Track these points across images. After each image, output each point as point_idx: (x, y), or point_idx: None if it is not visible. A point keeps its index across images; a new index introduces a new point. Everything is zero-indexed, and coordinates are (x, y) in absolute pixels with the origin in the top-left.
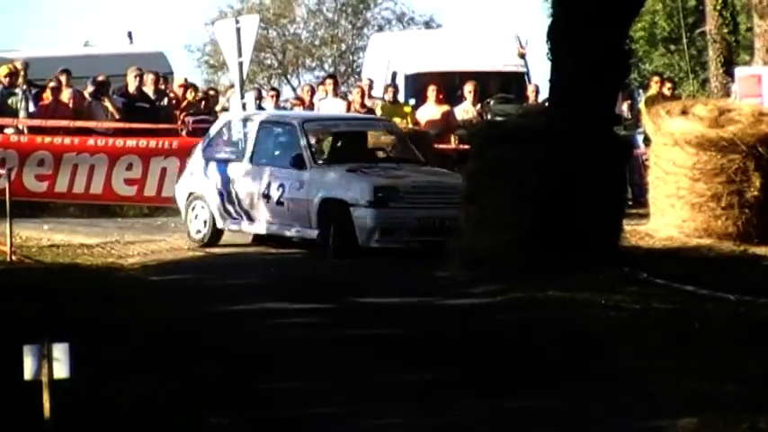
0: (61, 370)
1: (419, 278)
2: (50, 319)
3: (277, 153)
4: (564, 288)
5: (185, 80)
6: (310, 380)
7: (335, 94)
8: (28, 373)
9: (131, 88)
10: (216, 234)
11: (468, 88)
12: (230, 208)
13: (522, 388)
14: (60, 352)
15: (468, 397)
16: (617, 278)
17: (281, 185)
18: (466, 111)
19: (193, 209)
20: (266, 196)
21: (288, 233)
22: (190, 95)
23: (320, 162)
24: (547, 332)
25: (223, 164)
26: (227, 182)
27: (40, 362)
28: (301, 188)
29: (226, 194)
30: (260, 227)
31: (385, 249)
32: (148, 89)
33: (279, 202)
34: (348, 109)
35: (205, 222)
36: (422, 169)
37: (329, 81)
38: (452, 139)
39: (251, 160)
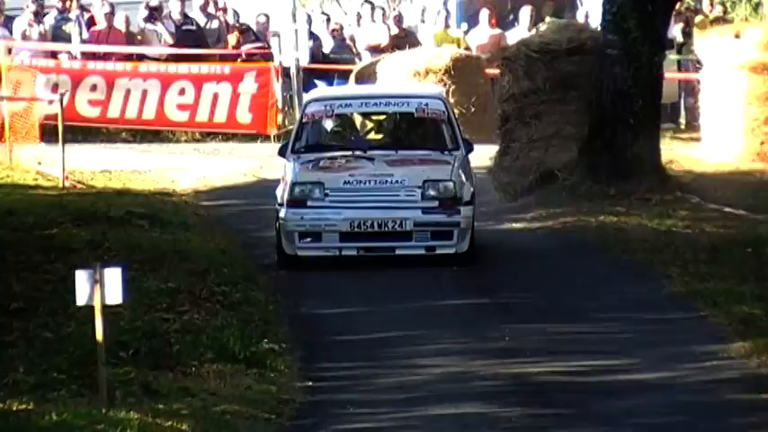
0: (113, 295)
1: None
2: (102, 244)
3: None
4: (616, 213)
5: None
6: (364, 305)
7: (373, 19)
8: (81, 299)
9: (176, 14)
10: None
11: (525, 12)
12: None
13: (570, 314)
14: (112, 277)
15: (515, 321)
16: (669, 203)
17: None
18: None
19: None
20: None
21: None
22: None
23: (298, 148)
24: (598, 258)
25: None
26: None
27: (92, 287)
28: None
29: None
30: None
31: (314, 259)
32: (197, 13)
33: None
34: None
35: None
36: (414, 158)
37: (366, 6)
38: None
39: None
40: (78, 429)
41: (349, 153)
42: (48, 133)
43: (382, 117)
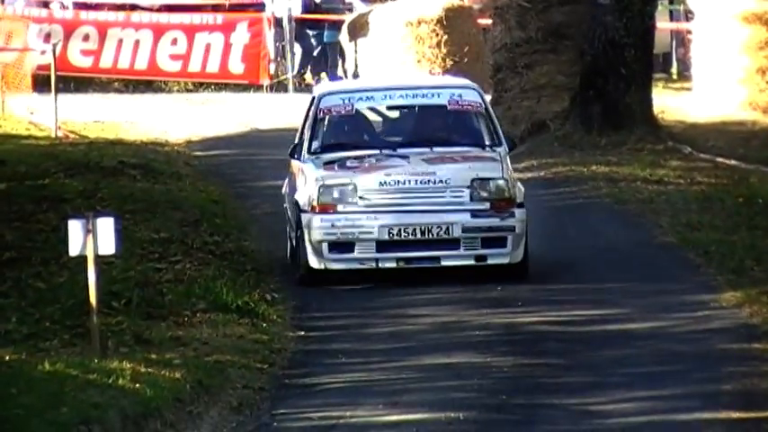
0: (106, 245)
1: None
2: (95, 194)
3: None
4: (607, 163)
5: None
6: None
7: None
8: (73, 249)
9: None
10: None
11: None
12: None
13: (562, 264)
14: (105, 227)
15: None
16: (660, 153)
17: (289, 179)
18: None
19: None
20: (289, 200)
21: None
22: None
23: (315, 149)
24: (590, 208)
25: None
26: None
27: (85, 237)
28: (295, 186)
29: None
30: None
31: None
32: None
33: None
34: None
35: None
36: (453, 155)
37: None
38: None
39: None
40: (71, 379)
41: (376, 152)
42: (40, 83)
43: (409, 111)
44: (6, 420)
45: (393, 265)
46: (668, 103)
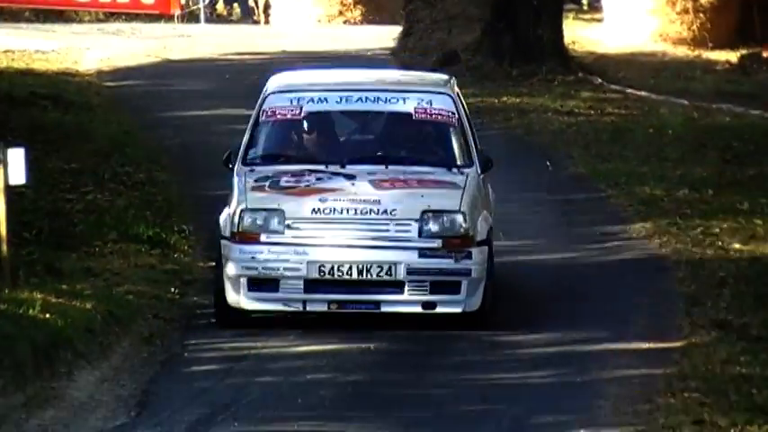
0: (17, 176)
1: None
2: (5, 124)
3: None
4: (519, 94)
5: None
6: None
7: None
8: None
9: None
10: None
11: None
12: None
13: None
14: (15, 157)
15: None
16: (571, 84)
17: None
18: None
19: None
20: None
21: None
22: None
23: (252, 158)
24: (501, 139)
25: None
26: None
27: None
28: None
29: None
30: None
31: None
32: None
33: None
34: None
35: None
36: (409, 177)
37: None
38: None
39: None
40: None
41: (321, 167)
42: None
43: (368, 118)
44: None
45: (324, 308)
46: (579, 34)
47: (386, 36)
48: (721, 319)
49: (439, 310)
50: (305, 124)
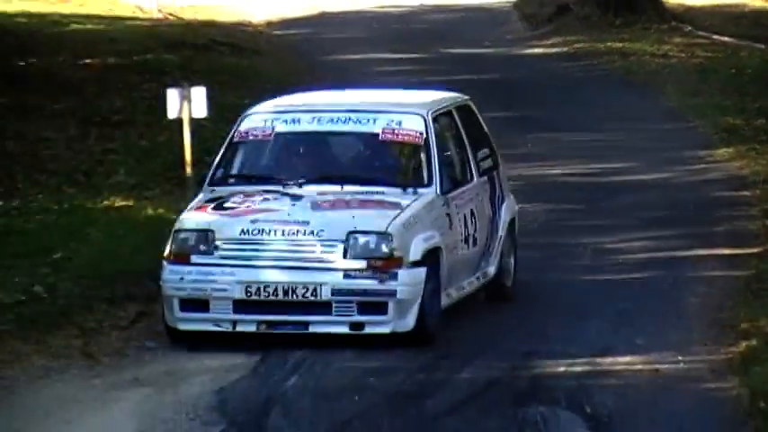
0: (199, 110)
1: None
2: (189, 67)
3: None
4: (621, 39)
5: None
6: None
7: None
8: (171, 113)
9: None
10: None
11: None
12: None
13: (582, 125)
14: (199, 94)
15: (536, 131)
16: (665, 31)
17: None
18: None
19: None
20: None
21: None
22: None
23: (218, 178)
24: (605, 78)
25: None
26: None
27: (181, 103)
28: None
29: None
30: None
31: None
32: None
33: None
34: None
35: None
36: (356, 198)
37: None
38: None
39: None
40: (169, 221)
41: (278, 188)
42: None
43: (336, 138)
44: (118, 256)
45: (253, 329)
46: None
47: None
48: None
49: (367, 330)
50: (276, 144)
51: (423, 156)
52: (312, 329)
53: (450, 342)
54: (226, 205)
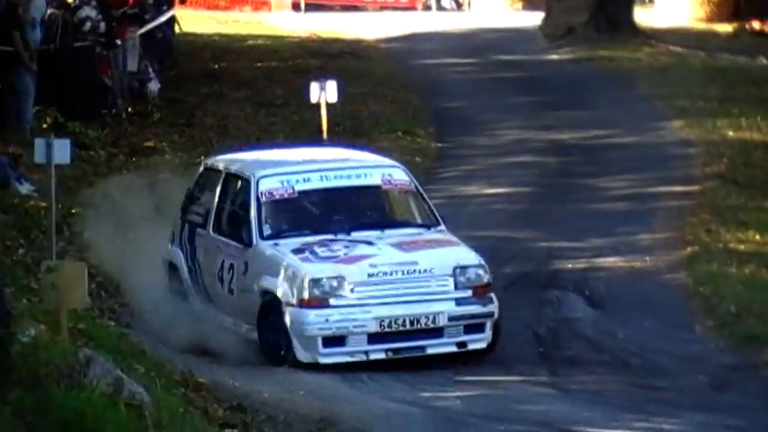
0: (332, 96)
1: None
2: (325, 67)
3: (233, 219)
4: (609, 50)
5: None
6: (472, 101)
7: None
8: (313, 98)
9: None
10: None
11: None
12: (197, 287)
13: (585, 106)
14: (332, 86)
15: (551, 110)
16: (639, 44)
17: (231, 266)
18: None
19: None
20: (221, 279)
21: (240, 331)
22: None
23: (268, 234)
24: (598, 75)
25: (192, 229)
26: (192, 253)
27: (320, 92)
28: (246, 272)
29: (192, 270)
30: (220, 317)
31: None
32: None
33: (230, 290)
34: None
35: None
36: (414, 239)
37: None
38: None
39: (213, 227)
40: None
41: (331, 236)
42: (295, 6)
43: (344, 192)
44: None
45: (383, 356)
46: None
47: (537, 15)
48: (722, 172)
49: (469, 347)
50: (300, 201)
51: (421, 200)
52: (429, 351)
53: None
54: (321, 255)
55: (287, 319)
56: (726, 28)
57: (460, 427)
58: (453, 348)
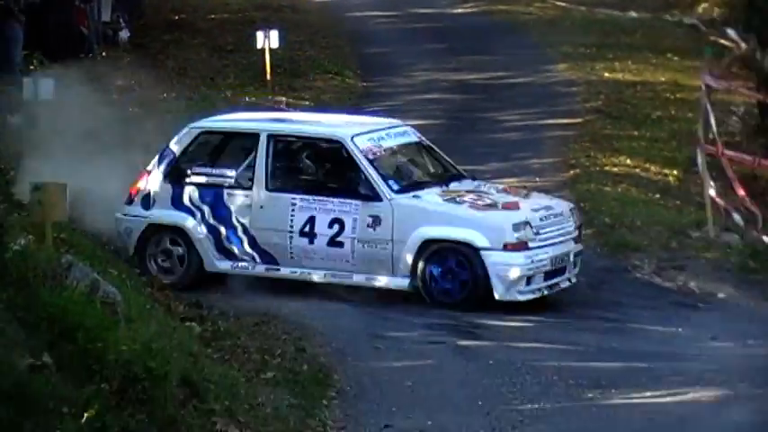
0: (274, 43)
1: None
2: (269, 19)
3: (310, 178)
4: (506, 4)
5: None
6: (392, 48)
7: None
8: (258, 44)
9: None
10: (197, 277)
11: None
12: (233, 247)
13: (482, 52)
14: (274, 34)
15: (457, 55)
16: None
17: (337, 221)
18: None
19: (158, 244)
20: (308, 234)
21: (351, 281)
22: None
23: (398, 188)
24: (498, 25)
25: (213, 190)
26: (226, 215)
27: (264, 39)
28: (377, 225)
29: (226, 230)
30: (291, 271)
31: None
32: None
33: (335, 243)
34: None
35: (182, 262)
36: (494, 188)
37: None
38: None
39: (268, 186)
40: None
41: (444, 188)
42: None
43: (406, 148)
44: None
45: (548, 291)
46: None
47: None
48: (599, 107)
49: (571, 281)
50: (392, 157)
51: (442, 153)
52: (562, 286)
53: None
54: (483, 204)
55: (488, 262)
56: None
57: (382, 319)
58: (568, 283)
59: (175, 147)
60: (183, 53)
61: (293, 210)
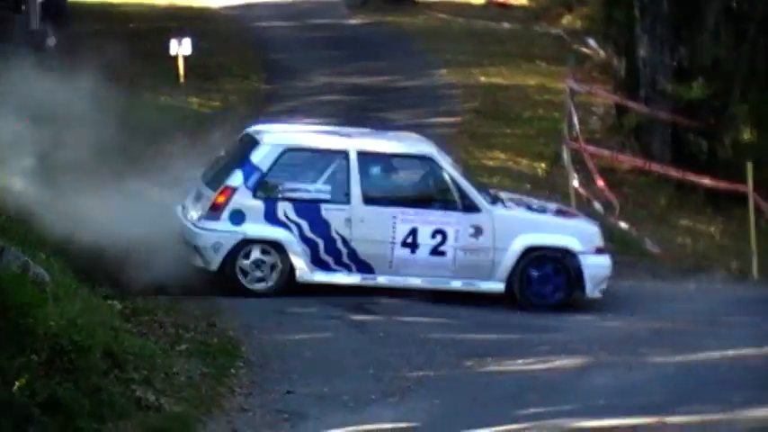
0: (186, 50)
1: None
2: (182, 28)
3: (405, 191)
4: (394, 16)
5: None
6: (293, 54)
7: None
8: (172, 51)
9: None
10: (287, 285)
11: None
12: (328, 258)
13: (372, 58)
14: (187, 42)
15: (349, 62)
16: (416, 12)
17: (440, 232)
18: None
19: (247, 256)
20: (410, 245)
21: (448, 287)
22: None
23: (489, 200)
24: (387, 35)
25: (309, 205)
26: (324, 228)
27: (177, 46)
28: (479, 234)
29: (324, 243)
30: (389, 279)
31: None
32: None
33: (437, 252)
34: None
35: (274, 270)
36: (522, 197)
37: None
38: None
39: (366, 201)
40: (172, 106)
41: (504, 199)
42: None
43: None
44: None
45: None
46: None
47: None
48: (476, 108)
49: None
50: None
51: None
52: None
53: None
54: (558, 213)
55: (584, 264)
56: (479, 0)
57: (285, 297)
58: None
59: (260, 164)
60: (105, 59)
61: (395, 222)
